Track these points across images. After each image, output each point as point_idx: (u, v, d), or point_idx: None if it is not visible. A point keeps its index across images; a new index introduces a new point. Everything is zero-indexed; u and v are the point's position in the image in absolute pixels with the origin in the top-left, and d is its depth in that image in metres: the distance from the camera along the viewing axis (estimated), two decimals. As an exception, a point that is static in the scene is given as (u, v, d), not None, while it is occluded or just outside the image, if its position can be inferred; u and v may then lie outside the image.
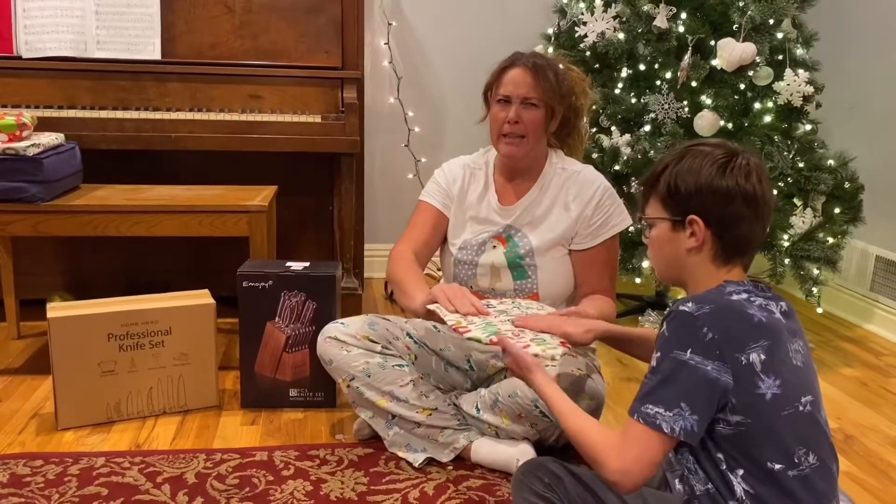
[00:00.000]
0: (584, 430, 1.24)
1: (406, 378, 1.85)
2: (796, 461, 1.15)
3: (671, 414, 1.13)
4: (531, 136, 1.83)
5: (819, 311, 2.86)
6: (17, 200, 2.17)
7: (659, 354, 1.16)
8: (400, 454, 1.86)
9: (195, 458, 1.84)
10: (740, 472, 1.15)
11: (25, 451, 1.87)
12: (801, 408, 1.17)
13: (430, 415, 1.84)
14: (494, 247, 1.90)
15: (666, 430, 1.13)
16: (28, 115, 2.26)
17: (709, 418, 1.14)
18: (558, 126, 1.91)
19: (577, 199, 1.88)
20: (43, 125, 2.40)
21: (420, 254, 1.91)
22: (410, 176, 3.39)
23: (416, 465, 1.83)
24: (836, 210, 2.67)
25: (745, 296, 1.19)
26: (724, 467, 1.16)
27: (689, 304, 1.16)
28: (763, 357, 1.14)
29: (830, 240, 2.66)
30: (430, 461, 1.84)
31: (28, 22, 2.60)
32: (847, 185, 2.67)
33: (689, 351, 1.13)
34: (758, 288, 1.22)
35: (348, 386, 1.86)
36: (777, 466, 1.14)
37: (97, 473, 1.76)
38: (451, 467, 1.83)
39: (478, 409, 1.84)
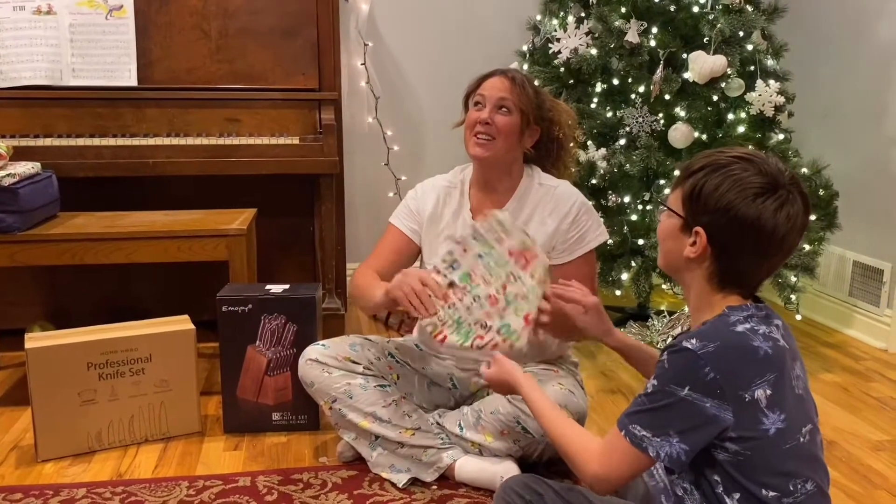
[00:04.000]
0: (566, 433, 1.27)
1: (388, 398, 1.85)
2: (792, 489, 1.15)
3: (658, 439, 1.13)
4: (501, 139, 1.83)
5: (798, 317, 2.89)
6: (-7, 231, 2.15)
7: (655, 383, 1.15)
8: (384, 475, 1.85)
9: (178, 486, 1.83)
10: (736, 495, 1.14)
11: (4, 484, 1.85)
12: (801, 439, 1.17)
13: (413, 434, 1.84)
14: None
15: (651, 454, 1.14)
16: (3, 145, 2.25)
17: (699, 448, 1.14)
18: (536, 147, 1.91)
19: (553, 214, 1.89)
20: (19, 154, 2.39)
21: (382, 275, 1.88)
22: (391, 194, 3.40)
23: (401, 485, 1.82)
24: (812, 217, 2.70)
25: (749, 325, 1.16)
26: (720, 490, 1.15)
27: (694, 341, 1.13)
28: (769, 392, 1.12)
29: (807, 247, 2.69)
30: (415, 481, 1.84)
31: (2, 52, 2.60)
32: (822, 192, 2.71)
33: (686, 388, 1.11)
34: (757, 307, 1.19)
35: (330, 408, 1.85)
36: (772, 494, 1.13)
37: (78, 505, 1.74)
38: (435, 487, 1.82)
39: (461, 428, 1.84)
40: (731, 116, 2.74)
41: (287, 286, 2.14)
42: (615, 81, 2.81)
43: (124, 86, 2.65)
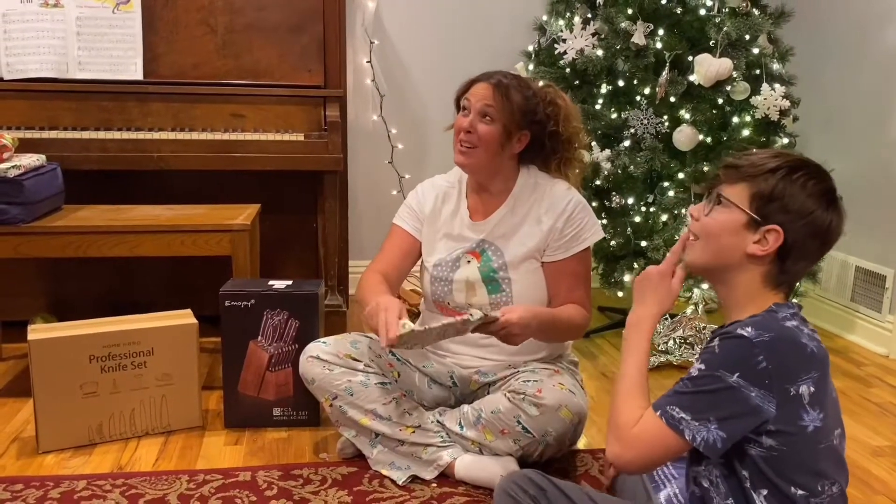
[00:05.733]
0: (617, 404, 1.24)
1: (389, 396, 1.85)
2: (820, 489, 1.16)
3: (697, 423, 1.14)
4: (482, 148, 1.83)
5: (800, 322, 2.89)
6: (-3, 222, 2.16)
7: (703, 367, 1.16)
8: (384, 472, 1.86)
9: (178, 480, 1.83)
10: (764, 492, 1.15)
11: (6, 475, 1.86)
12: (834, 441, 1.18)
13: (414, 432, 1.84)
14: (469, 262, 1.91)
15: (687, 437, 1.14)
16: (9, 137, 2.25)
17: (737, 438, 1.14)
18: (532, 148, 1.90)
19: (548, 212, 1.89)
20: (24, 146, 2.40)
21: (389, 276, 1.91)
22: (394, 192, 3.40)
23: (400, 482, 1.82)
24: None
25: (795, 322, 1.18)
26: (748, 485, 1.16)
27: (749, 329, 1.14)
28: (812, 389, 1.14)
29: (810, 251, 2.69)
30: (414, 479, 1.84)
31: (9, 44, 2.60)
32: (825, 197, 2.71)
33: (736, 374, 1.12)
34: (797, 307, 1.23)
35: (331, 405, 1.86)
36: (800, 493, 1.15)
37: (78, 497, 1.75)
38: (434, 485, 1.82)
39: (461, 426, 1.84)
40: (735, 120, 2.74)
41: (290, 282, 2.14)
42: (620, 83, 2.81)
43: (130, 80, 2.66)
